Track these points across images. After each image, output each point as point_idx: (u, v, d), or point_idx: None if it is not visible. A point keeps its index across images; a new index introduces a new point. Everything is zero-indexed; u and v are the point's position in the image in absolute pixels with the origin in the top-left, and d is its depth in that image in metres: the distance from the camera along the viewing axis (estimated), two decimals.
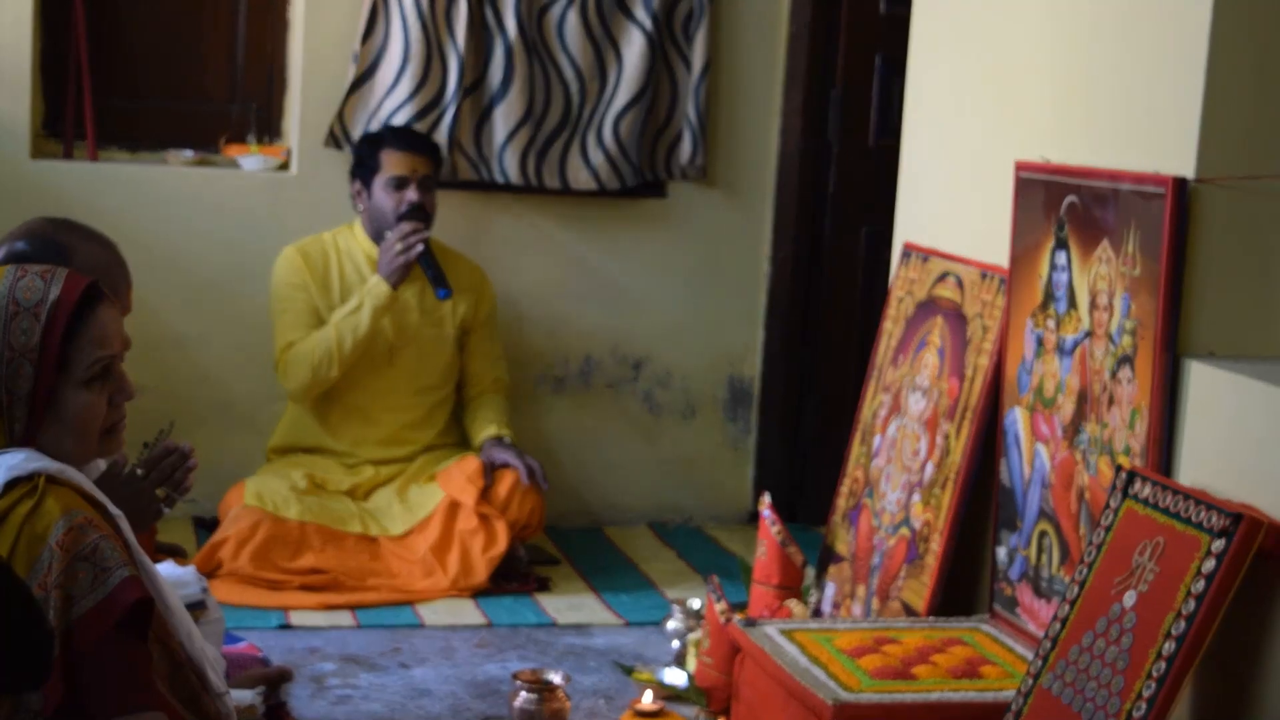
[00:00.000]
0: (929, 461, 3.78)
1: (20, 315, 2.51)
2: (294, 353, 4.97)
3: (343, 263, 5.08)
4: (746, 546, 5.34)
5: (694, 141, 5.58)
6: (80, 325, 2.54)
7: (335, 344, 4.93)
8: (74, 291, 2.54)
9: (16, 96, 5.17)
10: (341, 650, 4.33)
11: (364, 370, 5.03)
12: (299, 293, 5.02)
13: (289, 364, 4.98)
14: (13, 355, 2.50)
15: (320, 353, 4.94)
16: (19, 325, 2.51)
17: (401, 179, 5.00)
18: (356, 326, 4.94)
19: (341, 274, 5.07)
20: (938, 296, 3.94)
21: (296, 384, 4.99)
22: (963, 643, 3.38)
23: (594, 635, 4.57)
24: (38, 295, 2.53)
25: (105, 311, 2.58)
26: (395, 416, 5.12)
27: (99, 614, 2.36)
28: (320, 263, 5.06)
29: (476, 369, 5.24)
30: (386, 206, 5.00)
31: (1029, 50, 3.66)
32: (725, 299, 5.80)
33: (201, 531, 5.16)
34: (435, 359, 5.15)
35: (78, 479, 2.50)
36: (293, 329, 5.00)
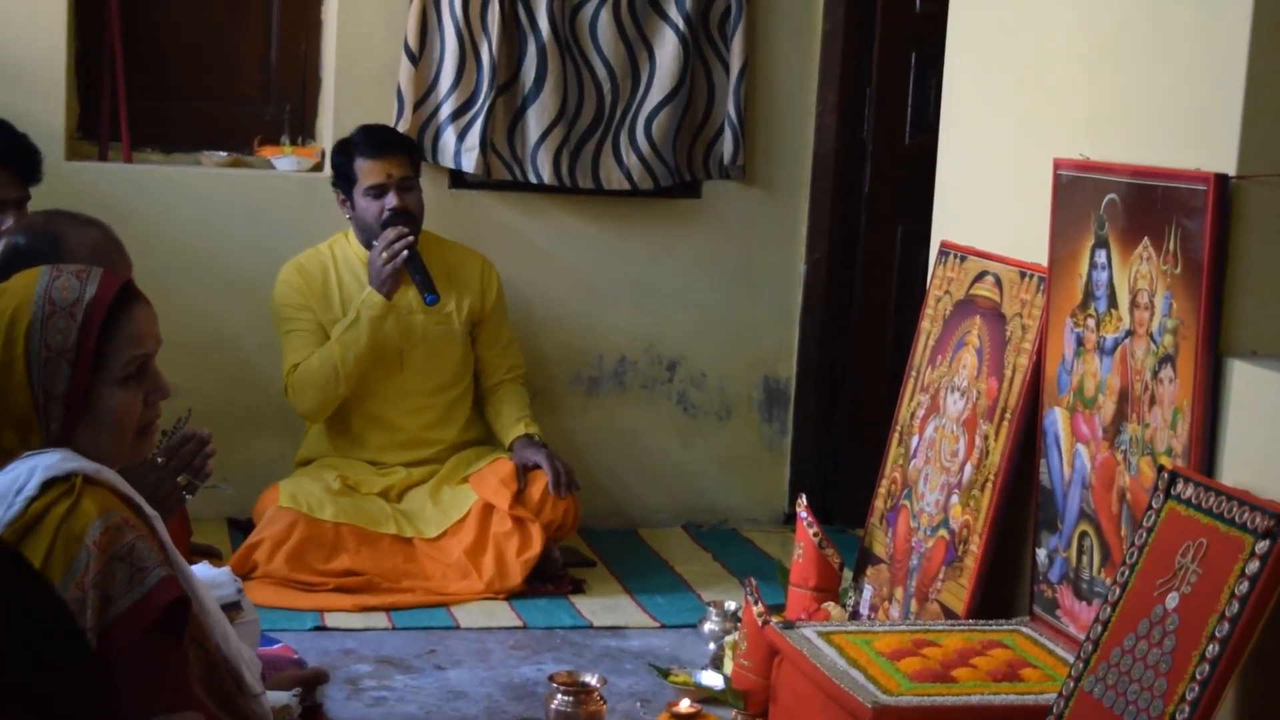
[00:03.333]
0: (968, 462, 3.75)
1: (56, 315, 2.51)
2: (299, 374, 4.94)
3: (340, 272, 5.06)
4: (782, 548, 5.32)
5: (734, 141, 5.55)
6: (116, 324, 2.54)
7: (338, 361, 4.91)
8: (109, 291, 2.54)
9: (51, 98, 5.18)
10: (376, 652, 4.32)
11: (377, 377, 5.01)
12: (300, 313, 5.00)
13: (295, 387, 4.96)
14: (49, 355, 2.49)
15: (325, 372, 4.91)
16: (55, 325, 2.51)
17: (379, 186, 4.95)
18: (356, 340, 4.91)
19: (340, 284, 5.04)
20: (976, 296, 3.90)
21: (306, 406, 4.98)
22: (1003, 645, 3.35)
23: (629, 637, 4.55)
24: (73, 295, 2.53)
25: (140, 310, 2.58)
26: (414, 419, 5.10)
27: (136, 614, 2.35)
28: (319, 277, 5.03)
29: (491, 359, 5.21)
30: (369, 214, 4.96)
31: (1067, 47, 3.63)
32: (760, 299, 5.78)
33: (236, 533, 5.16)
34: (446, 357, 5.13)
35: (114, 479, 2.50)
36: (297, 351, 4.97)
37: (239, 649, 2.66)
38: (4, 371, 2.49)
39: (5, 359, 2.49)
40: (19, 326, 2.50)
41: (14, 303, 2.52)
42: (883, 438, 4.23)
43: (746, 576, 4.00)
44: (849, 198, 5.76)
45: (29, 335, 2.50)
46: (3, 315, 2.52)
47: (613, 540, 5.50)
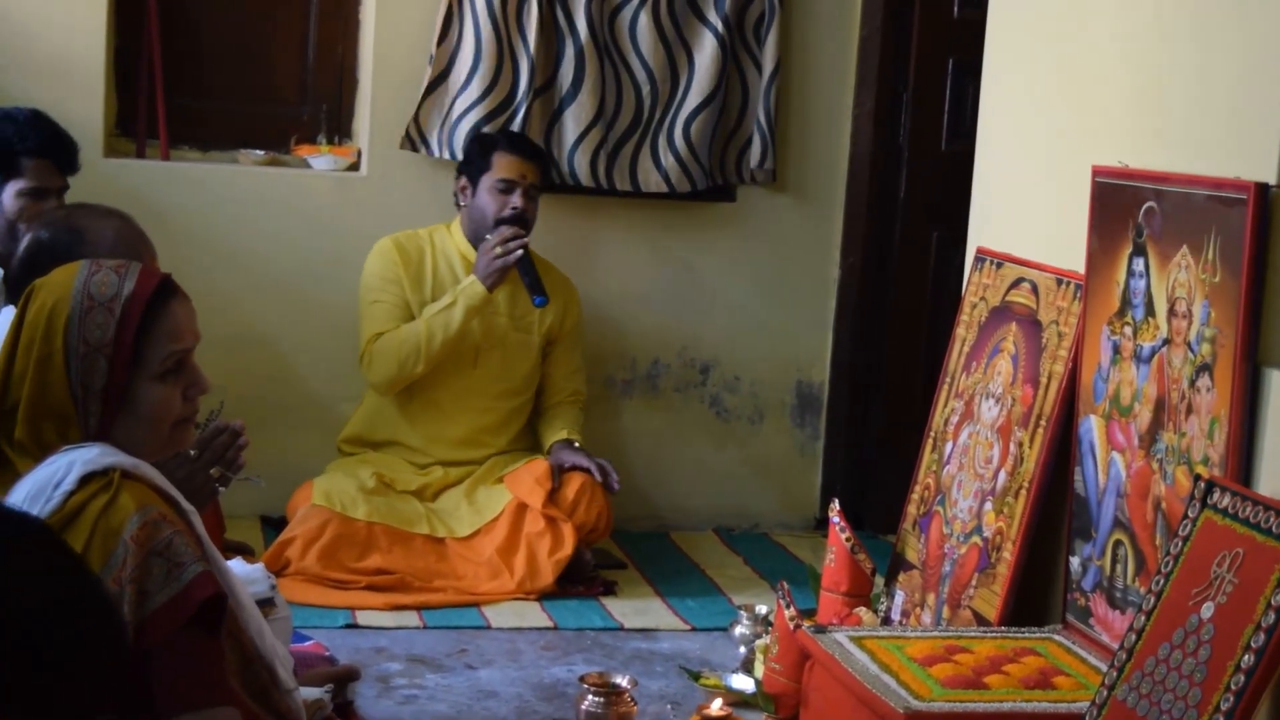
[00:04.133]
0: (1002, 469, 3.75)
1: (95, 310, 2.52)
2: (381, 344, 4.97)
3: (437, 260, 5.09)
4: (813, 553, 5.32)
5: (764, 145, 5.55)
6: (154, 320, 2.54)
7: (425, 339, 4.93)
8: (147, 286, 2.55)
9: (90, 96, 5.20)
10: (408, 650, 4.33)
11: (448, 369, 5.03)
12: (392, 285, 5.03)
13: (375, 355, 4.98)
14: (87, 350, 2.50)
15: (409, 347, 4.94)
16: (93, 320, 2.51)
17: (510, 183, 4.99)
18: (448, 324, 4.94)
19: (435, 271, 5.07)
20: (1012, 302, 3.90)
21: (381, 376, 4.99)
22: (1035, 653, 3.34)
23: (660, 640, 4.55)
24: (112, 290, 2.53)
25: (178, 305, 2.59)
26: (473, 418, 5.11)
27: (172, 609, 2.36)
28: (415, 257, 5.07)
29: (557, 379, 5.24)
30: (489, 208, 5.00)
31: (1106, 54, 3.62)
32: (794, 303, 5.77)
33: (269, 530, 5.18)
34: (519, 364, 5.15)
35: (152, 474, 2.50)
36: (382, 321, 5.00)
37: (273, 644, 2.67)
38: (43, 366, 2.50)
39: (44, 353, 2.51)
40: (58, 321, 2.51)
41: (53, 297, 2.54)
42: (915, 444, 4.22)
43: (778, 580, 4.00)
44: (884, 203, 5.76)
45: (67, 330, 2.51)
46: (42, 310, 2.53)
47: (644, 543, 5.50)
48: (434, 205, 5.30)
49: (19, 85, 5.00)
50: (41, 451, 2.48)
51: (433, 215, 5.25)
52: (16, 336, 2.54)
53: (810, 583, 4.31)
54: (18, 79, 5.06)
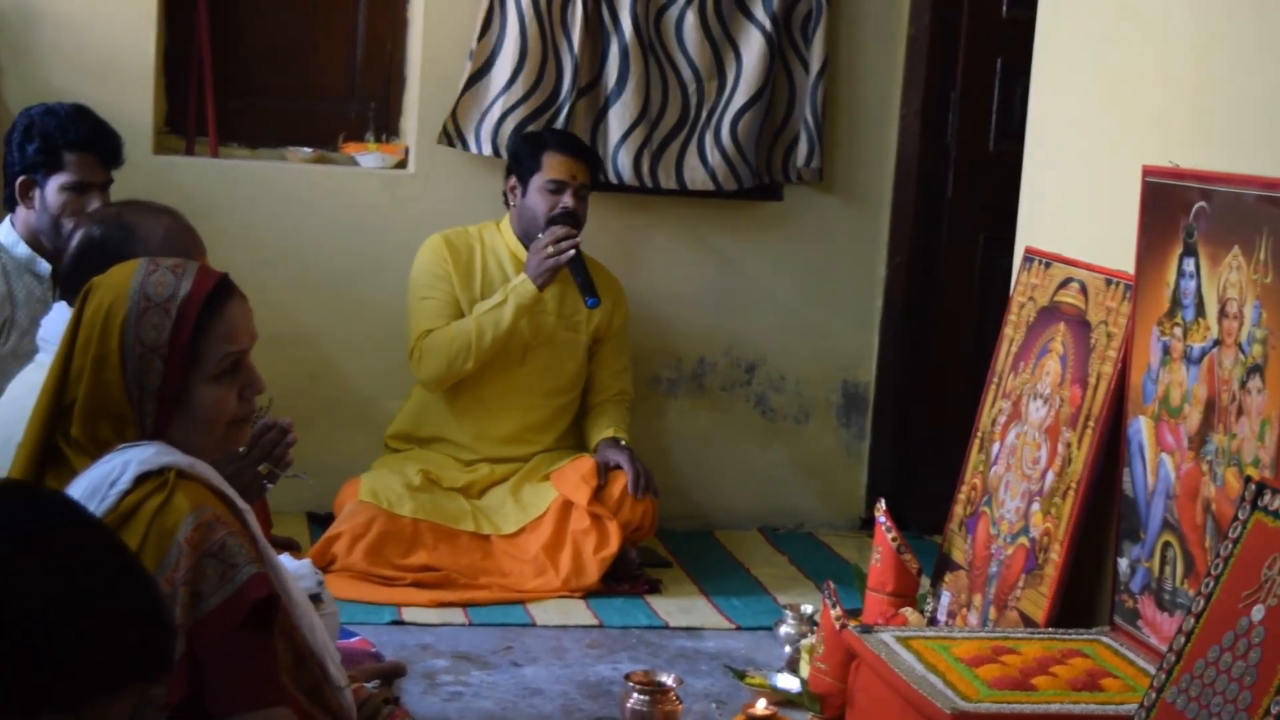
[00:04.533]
0: (1049, 470, 3.73)
1: (151, 310, 2.52)
2: (431, 340, 4.98)
3: (486, 258, 5.10)
4: (859, 553, 5.31)
5: (810, 144, 5.54)
6: (210, 320, 2.54)
7: (475, 337, 4.94)
8: (204, 286, 2.55)
9: (140, 94, 5.23)
10: (453, 647, 4.34)
11: (495, 367, 5.04)
12: (441, 282, 5.04)
13: (425, 351, 4.99)
14: (144, 350, 2.50)
15: (459, 344, 4.95)
16: (150, 320, 2.51)
17: (560, 183, 5.00)
18: (498, 322, 4.94)
19: (484, 269, 5.08)
20: (1060, 303, 3.88)
21: (430, 372, 5.00)
22: (1083, 654, 3.33)
23: (705, 638, 4.55)
24: (169, 290, 2.53)
25: (235, 306, 2.58)
26: (519, 416, 5.12)
27: (226, 610, 2.36)
28: (465, 255, 5.08)
29: (603, 378, 5.24)
30: (539, 208, 5.00)
31: (1156, 54, 3.60)
32: (840, 303, 5.76)
33: (315, 527, 5.20)
34: (567, 363, 5.16)
35: (207, 473, 2.50)
36: (432, 317, 5.01)
37: (325, 642, 2.67)
38: (100, 365, 2.51)
39: (101, 353, 2.51)
40: (115, 321, 2.51)
41: (110, 296, 2.53)
42: (961, 444, 4.21)
43: (824, 580, 3.99)
44: (931, 203, 5.74)
45: (124, 330, 2.51)
46: (99, 308, 2.53)
47: (689, 541, 5.50)
48: (481, 203, 5.30)
49: (70, 83, 5.03)
50: (97, 449, 2.49)
51: (480, 213, 5.26)
52: (74, 334, 2.55)
53: (856, 582, 4.30)
54: (69, 77, 5.09)
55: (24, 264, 4.30)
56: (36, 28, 5.12)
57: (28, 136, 4.27)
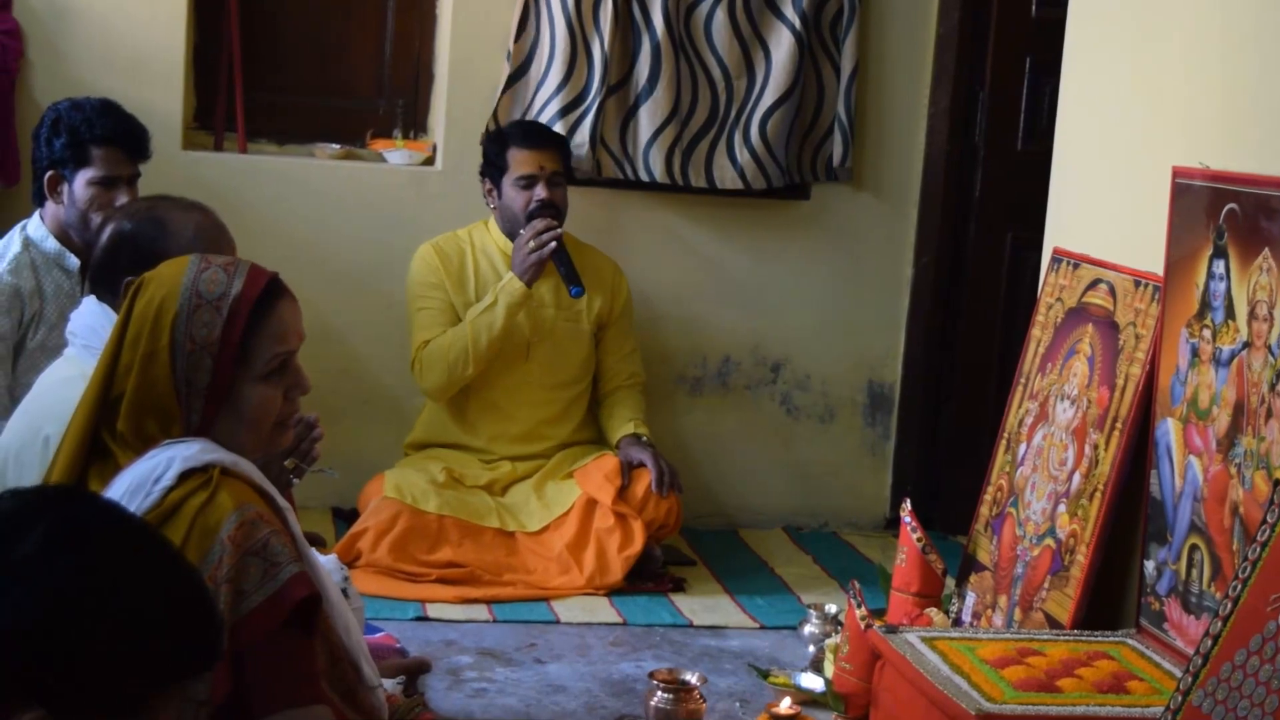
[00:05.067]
0: (1076, 471, 3.72)
1: (202, 308, 2.52)
2: (429, 351, 4.99)
3: (478, 259, 5.10)
4: (883, 553, 5.30)
5: (844, 143, 5.54)
6: (261, 320, 2.54)
7: (470, 342, 4.95)
8: (255, 286, 2.55)
9: (170, 90, 5.25)
10: (477, 644, 4.34)
11: (501, 366, 5.04)
12: (435, 291, 5.05)
13: (424, 362, 5.00)
14: (194, 348, 2.50)
15: (456, 351, 4.95)
16: (201, 318, 2.51)
17: (530, 177, 5.00)
18: (491, 324, 4.95)
19: (477, 270, 5.09)
20: (1089, 304, 3.87)
21: (432, 382, 5.01)
22: (1108, 657, 3.32)
23: (729, 637, 4.55)
24: (220, 289, 2.53)
25: (286, 306, 2.59)
26: (532, 412, 5.13)
27: (268, 609, 2.36)
28: (456, 260, 5.08)
29: (612, 364, 5.24)
30: (516, 205, 5.01)
31: (1187, 54, 3.59)
32: (867, 303, 5.75)
33: (340, 522, 5.21)
34: (571, 354, 5.16)
35: (250, 471, 2.51)
36: (428, 327, 5.02)
37: (359, 641, 2.67)
38: (149, 361, 2.51)
39: (151, 349, 2.51)
40: (165, 317, 2.51)
41: (161, 292, 2.54)
42: (987, 445, 4.21)
43: (848, 580, 3.99)
44: (959, 203, 5.73)
45: (174, 327, 2.51)
46: (150, 304, 2.53)
47: (713, 540, 5.50)
48: None
49: (100, 79, 5.04)
50: (143, 445, 2.49)
51: None
52: (124, 329, 2.55)
53: (880, 582, 4.30)
54: (99, 73, 5.11)
55: (53, 258, 4.32)
56: (66, 24, 5.14)
57: (55, 131, 4.29)
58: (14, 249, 4.30)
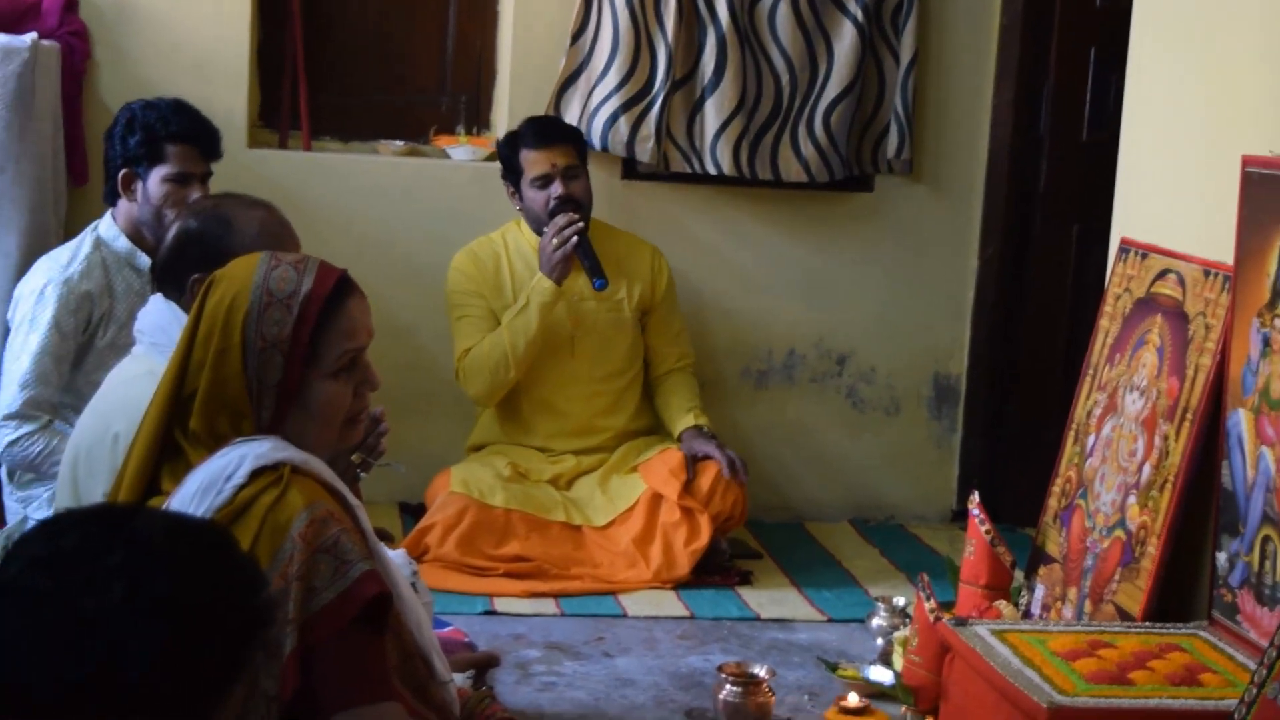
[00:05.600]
0: (1146, 463, 3.70)
1: (273, 306, 2.53)
2: (471, 359, 5.00)
3: (512, 260, 5.10)
4: (950, 545, 5.29)
5: (901, 135, 5.52)
6: (331, 318, 2.55)
7: (509, 346, 4.95)
8: (326, 283, 2.56)
9: (235, 89, 5.28)
10: (545, 638, 4.36)
11: (548, 363, 5.05)
12: (472, 299, 5.05)
13: (467, 371, 5.01)
14: (264, 345, 2.52)
15: (496, 357, 4.96)
16: (271, 316, 2.52)
17: (544, 176, 4.99)
18: (527, 326, 4.95)
19: (512, 272, 5.09)
20: (1157, 294, 3.84)
21: (477, 390, 5.03)
22: (1181, 649, 3.30)
23: (797, 630, 4.55)
24: (290, 286, 2.54)
25: (355, 303, 2.60)
26: (584, 406, 5.13)
27: (338, 606, 2.37)
28: (491, 264, 5.09)
29: (660, 348, 5.23)
30: (537, 204, 5.01)
31: (1254, 42, 3.56)
32: (932, 295, 5.74)
33: (407, 517, 5.24)
34: (617, 344, 5.15)
35: (321, 469, 2.51)
36: (469, 335, 5.03)
37: (431, 637, 2.68)
38: (221, 358, 2.52)
39: (222, 346, 2.52)
40: (236, 315, 2.53)
41: (233, 290, 2.55)
42: (1054, 436, 4.18)
43: (915, 573, 3.98)
44: (1023, 195, 5.71)
45: (245, 324, 2.52)
46: (222, 302, 2.55)
47: (779, 533, 5.49)
48: None
49: (165, 79, 5.08)
50: (214, 442, 2.50)
51: None
52: (195, 327, 2.56)
53: (948, 575, 4.28)
54: (164, 73, 5.14)
55: (124, 258, 4.36)
56: (132, 24, 5.18)
57: (130, 130, 4.34)
58: (86, 249, 4.35)
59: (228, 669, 1.79)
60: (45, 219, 4.70)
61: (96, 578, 1.71)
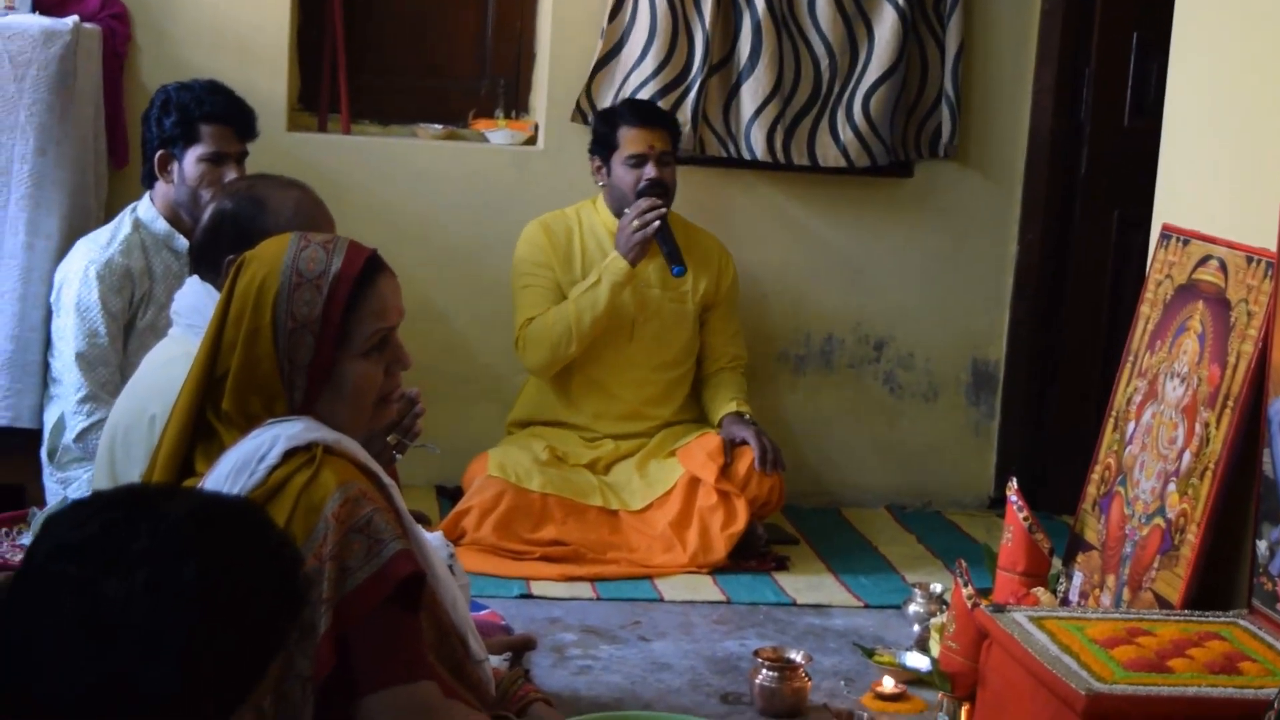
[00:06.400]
0: (1186, 450, 3.68)
1: (303, 286, 2.53)
2: (533, 329, 5.00)
3: (585, 238, 5.11)
4: (987, 532, 5.27)
5: (951, 120, 5.50)
6: (360, 297, 2.55)
7: (574, 320, 4.95)
8: (355, 263, 2.56)
9: (275, 72, 5.29)
10: (581, 621, 4.36)
11: (605, 345, 5.05)
12: (541, 269, 5.06)
13: (528, 340, 5.02)
14: (295, 326, 2.52)
15: (560, 329, 4.96)
16: (301, 296, 2.53)
17: (639, 156, 5.00)
18: (595, 303, 4.95)
19: (584, 249, 5.09)
20: (1199, 280, 3.82)
21: (536, 360, 5.03)
22: (1220, 637, 3.28)
23: (833, 616, 4.54)
24: (320, 267, 2.55)
25: (385, 283, 2.60)
26: (634, 391, 5.13)
27: (372, 585, 2.38)
28: (563, 238, 5.09)
29: (716, 345, 5.23)
30: (625, 183, 5.01)
31: None
32: (971, 280, 5.72)
33: (444, 500, 5.24)
34: (676, 335, 5.15)
35: (354, 449, 2.52)
36: (533, 305, 5.03)
37: (466, 616, 2.69)
38: (252, 339, 2.53)
39: (253, 327, 2.53)
40: (267, 296, 2.53)
41: (263, 271, 2.55)
42: (1092, 423, 4.16)
43: (952, 559, 3.96)
44: (1064, 180, 5.67)
45: (276, 305, 2.52)
46: (252, 283, 2.55)
47: (816, 519, 5.48)
48: None
49: (206, 62, 5.09)
50: (247, 423, 2.51)
51: None
52: (226, 308, 2.57)
53: (986, 562, 4.26)
54: (205, 56, 5.16)
55: (162, 239, 4.38)
56: (172, 7, 5.20)
57: (165, 111, 4.36)
58: (124, 230, 4.36)
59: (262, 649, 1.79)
60: (86, 201, 4.72)
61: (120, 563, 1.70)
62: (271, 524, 1.87)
